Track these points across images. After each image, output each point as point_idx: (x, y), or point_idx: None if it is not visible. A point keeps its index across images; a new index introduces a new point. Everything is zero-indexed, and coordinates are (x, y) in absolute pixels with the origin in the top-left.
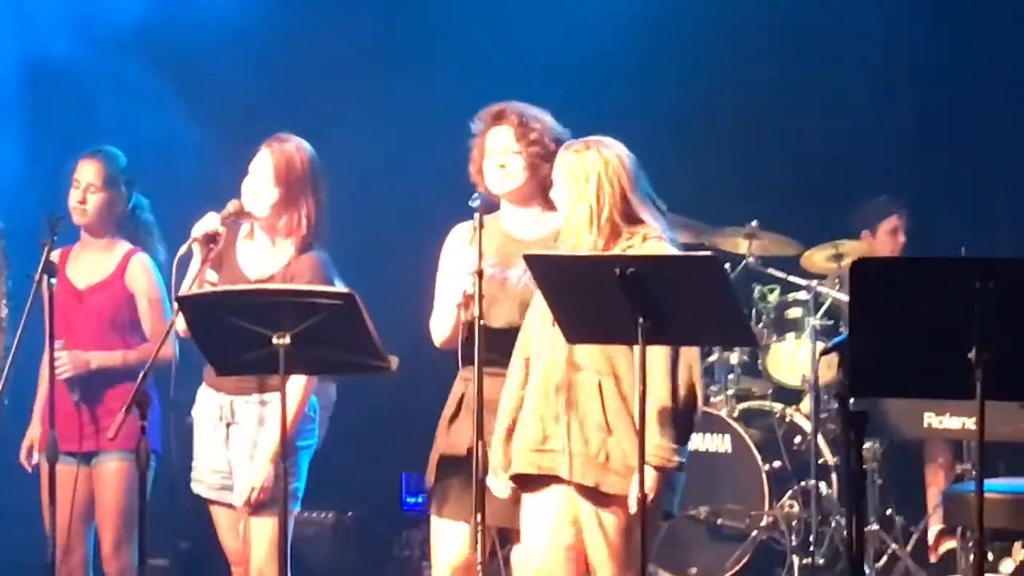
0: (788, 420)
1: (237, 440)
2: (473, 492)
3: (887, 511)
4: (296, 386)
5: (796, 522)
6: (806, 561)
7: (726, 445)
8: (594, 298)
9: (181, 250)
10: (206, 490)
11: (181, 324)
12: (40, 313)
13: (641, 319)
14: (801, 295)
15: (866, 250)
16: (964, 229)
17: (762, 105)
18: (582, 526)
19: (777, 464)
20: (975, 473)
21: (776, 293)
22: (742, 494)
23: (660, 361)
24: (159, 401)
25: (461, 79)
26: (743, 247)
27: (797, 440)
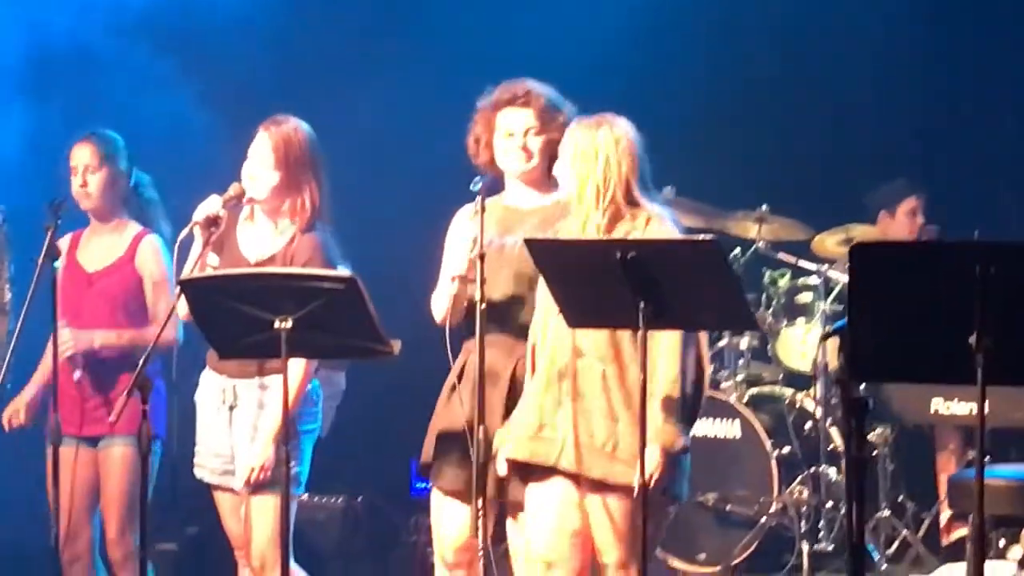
0: (798, 406)
1: (239, 423)
2: (473, 481)
3: (899, 497)
4: (296, 369)
5: (805, 508)
6: (815, 547)
7: (735, 431)
8: (595, 283)
9: (183, 233)
10: (209, 475)
11: (183, 308)
12: (44, 297)
13: (642, 303)
14: (812, 280)
15: (878, 234)
16: (975, 216)
17: (773, 89)
18: (588, 512)
19: (787, 450)
20: (987, 458)
21: (786, 278)
22: (751, 480)
23: (672, 344)
24: (166, 388)
25: (467, 62)
26: (753, 231)
27: (807, 426)
